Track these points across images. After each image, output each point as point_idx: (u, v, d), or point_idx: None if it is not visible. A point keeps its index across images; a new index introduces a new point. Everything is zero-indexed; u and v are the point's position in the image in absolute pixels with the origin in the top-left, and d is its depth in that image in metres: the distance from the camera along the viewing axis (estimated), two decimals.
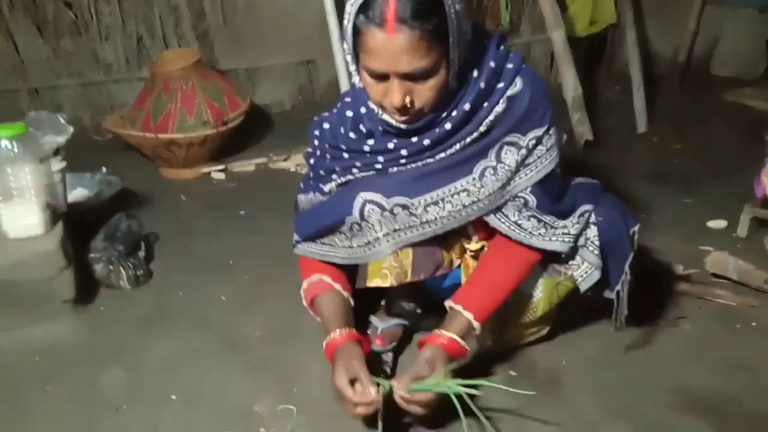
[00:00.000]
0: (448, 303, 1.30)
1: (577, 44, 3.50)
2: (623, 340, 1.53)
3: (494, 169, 1.24)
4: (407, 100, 1.15)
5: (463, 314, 1.26)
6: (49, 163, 1.74)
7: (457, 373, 1.21)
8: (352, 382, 1.19)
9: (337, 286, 1.35)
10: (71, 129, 1.78)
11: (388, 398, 1.17)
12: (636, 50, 3.26)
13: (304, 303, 1.38)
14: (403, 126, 1.21)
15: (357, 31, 1.12)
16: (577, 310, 1.53)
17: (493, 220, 1.28)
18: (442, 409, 1.21)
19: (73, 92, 3.39)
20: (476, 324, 1.26)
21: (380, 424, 1.16)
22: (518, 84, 1.23)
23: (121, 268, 1.86)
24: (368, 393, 1.16)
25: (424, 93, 1.15)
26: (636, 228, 1.42)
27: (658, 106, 3.43)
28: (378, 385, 1.18)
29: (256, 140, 3.25)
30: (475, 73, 1.21)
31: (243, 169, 2.94)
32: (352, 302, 1.36)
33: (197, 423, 1.33)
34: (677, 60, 3.94)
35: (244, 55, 3.53)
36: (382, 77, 1.14)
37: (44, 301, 1.66)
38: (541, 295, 1.40)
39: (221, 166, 2.91)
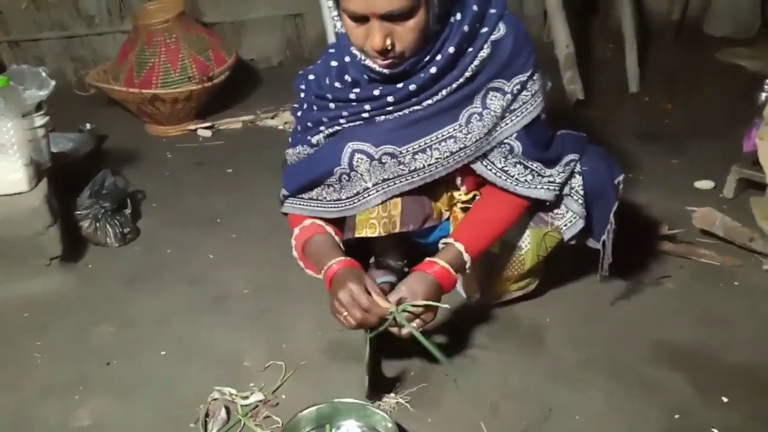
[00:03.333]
0: (442, 241, 1.31)
1: (571, 1, 3.44)
2: (606, 296, 1.56)
3: (480, 115, 1.24)
4: (388, 42, 1.14)
5: (454, 245, 1.27)
6: (32, 118, 1.70)
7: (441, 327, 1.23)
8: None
9: (330, 230, 1.36)
10: (53, 83, 1.74)
11: (375, 350, 1.19)
12: (629, 8, 3.21)
13: (294, 253, 1.37)
14: (386, 71, 1.20)
15: None
16: (562, 267, 1.55)
17: (479, 168, 1.29)
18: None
19: (56, 45, 3.31)
20: (467, 256, 1.27)
21: (367, 378, 1.18)
22: (501, 29, 1.23)
23: (108, 226, 1.85)
24: (379, 302, 1.19)
25: (405, 35, 1.14)
26: (621, 178, 1.43)
27: (650, 65, 3.40)
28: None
29: (243, 97, 3.20)
30: (458, 16, 1.19)
31: (230, 126, 2.89)
32: (343, 248, 1.35)
33: (187, 378, 1.34)
34: (671, 18, 3.89)
35: (229, 7, 3.44)
36: (362, 20, 1.14)
37: (31, 258, 1.66)
38: (529, 247, 1.41)
39: (208, 123, 2.87)
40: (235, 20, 3.47)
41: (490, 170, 1.29)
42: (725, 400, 1.24)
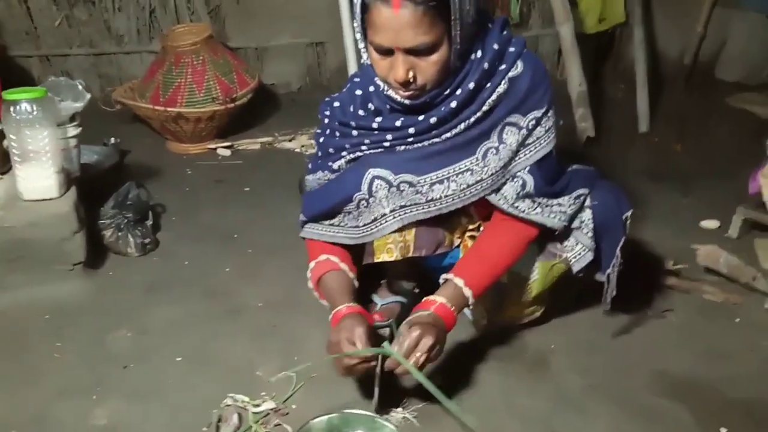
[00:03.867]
0: (442, 277, 1.34)
1: (586, 41, 3.54)
2: (611, 326, 1.60)
3: (496, 149, 1.30)
4: (410, 74, 1.20)
5: (454, 281, 1.29)
6: (65, 128, 1.78)
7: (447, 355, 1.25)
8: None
9: (344, 267, 1.38)
10: (88, 96, 1.83)
11: (385, 368, 1.22)
12: (642, 50, 3.29)
13: (310, 284, 1.40)
14: (407, 101, 1.26)
15: (365, 8, 1.19)
16: (568, 298, 1.59)
17: (494, 200, 1.34)
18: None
19: (84, 62, 3.43)
20: (468, 291, 1.29)
21: (377, 391, 1.22)
22: (519, 66, 1.29)
23: (130, 236, 1.92)
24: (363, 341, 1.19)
25: (427, 69, 1.21)
26: (629, 213, 1.48)
27: (661, 107, 3.47)
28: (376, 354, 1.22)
29: (262, 119, 3.29)
30: (479, 54, 1.26)
31: (248, 147, 2.98)
32: (356, 284, 1.39)
33: (202, 384, 1.39)
34: (683, 62, 3.97)
35: (254, 33, 3.56)
36: (387, 52, 1.20)
37: (56, 262, 1.72)
38: (537, 277, 1.46)
39: (227, 143, 2.95)
40: (259, 46, 3.58)
41: (503, 204, 1.34)
42: (724, 430, 1.27)
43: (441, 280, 1.33)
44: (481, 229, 1.43)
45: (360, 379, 1.36)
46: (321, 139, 1.45)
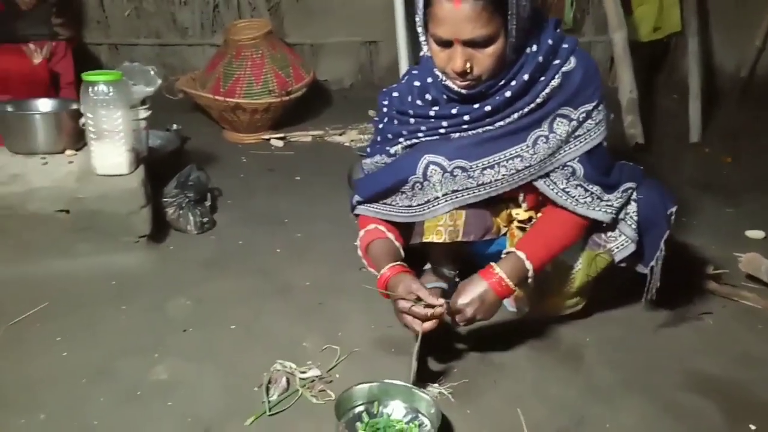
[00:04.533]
0: (504, 251, 1.41)
1: (639, 49, 3.54)
2: (648, 325, 1.63)
3: (546, 138, 1.36)
4: (468, 65, 1.28)
5: (516, 253, 1.37)
6: (137, 110, 1.92)
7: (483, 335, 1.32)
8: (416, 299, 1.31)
9: (390, 236, 1.46)
10: (159, 81, 1.97)
11: (424, 344, 1.29)
12: (697, 60, 3.28)
13: (359, 252, 1.49)
14: (463, 91, 1.34)
15: (428, 2, 1.28)
16: (609, 292, 1.63)
17: (542, 186, 1.40)
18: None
19: (150, 51, 3.62)
20: (529, 264, 1.36)
21: (415, 364, 1.29)
22: (572, 62, 1.35)
23: (190, 214, 2.05)
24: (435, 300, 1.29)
25: (483, 60, 1.28)
26: (674, 209, 1.51)
27: (714, 119, 3.44)
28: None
29: (315, 113, 3.41)
30: (534, 48, 1.33)
31: (300, 139, 3.10)
32: (402, 253, 1.47)
33: (253, 350, 1.49)
34: (739, 75, 3.91)
35: (311, 30, 3.69)
36: (446, 44, 1.28)
37: (123, 234, 1.85)
38: (580, 267, 1.51)
39: (280, 135, 3.08)
40: (315, 43, 3.71)
41: (552, 189, 1.40)
42: (753, 427, 1.29)
43: (504, 254, 1.39)
44: (531, 222, 1.49)
45: (399, 358, 1.44)
46: (380, 126, 1.53)
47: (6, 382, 1.36)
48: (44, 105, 2.16)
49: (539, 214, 1.49)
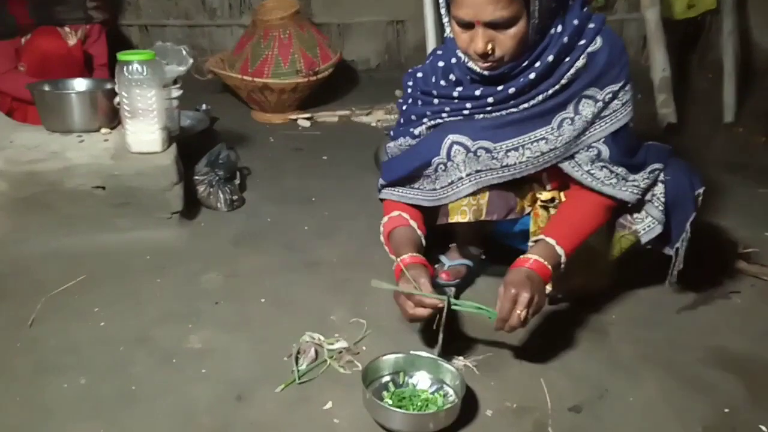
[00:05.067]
0: (533, 238, 1.40)
1: (673, 27, 3.46)
2: (674, 304, 1.63)
3: (572, 120, 1.36)
4: (489, 47, 1.28)
5: (546, 240, 1.35)
6: (170, 89, 1.97)
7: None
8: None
9: (413, 224, 1.48)
10: (191, 60, 2.01)
11: (449, 315, 1.31)
12: (732, 39, 3.20)
13: (381, 238, 1.51)
14: (485, 72, 1.34)
15: None
16: (635, 272, 1.63)
17: (567, 168, 1.40)
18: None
19: (179, 32, 3.67)
20: (559, 249, 1.33)
21: (440, 337, 1.32)
22: (598, 42, 1.34)
23: (220, 192, 2.10)
24: (429, 298, 1.27)
25: (505, 42, 1.28)
26: (701, 190, 1.50)
27: (749, 99, 3.36)
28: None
29: (342, 94, 3.43)
30: (559, 29, 1.32)
31: (327, 119, 3.13)
32: (424, 242, 1.48)
33: (283, 322, 1.53)
34: None
35: (337, 10, 3.70)
36: (468, 26, 1.29)
37: (157, 210, 1.91)
38: (606, 247, 1.51)
39: (307, 114, 3.11)
40: (342, 23, 3.72)
41: (577, 171, 1.40)
42: None
43: (530, 243, 1.39)
44: (555, 202, 1.49)
45: (423, 329, 1.47)
46: (404, 107, 1.54)
47: (47, 348, 1.43)
48: (80, 84, 2.22)
49: (563, 194, 1.49)
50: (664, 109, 2.90)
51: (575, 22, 1.32)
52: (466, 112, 1.40)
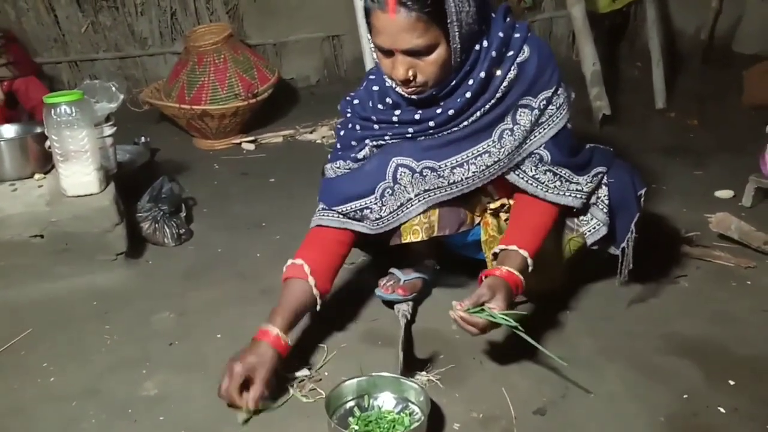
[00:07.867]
0: (496, 248, 1.40)
1: (600, 21, 3.58)
2: (626, 296, 1.66)
3: (511, 130, 1.38)
4: (410, 73, 1.29)
5: (508, 249, 1.36)
6: (102, 128, 1.90)
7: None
8: (246, 382, 1.27)
9: (311, 281, 1.38)
10: (122, 96, 1.95)
11: (409, 334, 1.31)
12: (656, 27, 3.32)
13: (284, 269, 1.43)
14: (413, 97, 1.35)
15: (367, 13, 1.28)
16: (584, 271, 1.67)
17: (513, 177, 1.42)
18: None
19: (111, 65, 3.58)
20: (523, 252, 1.34)
21: (401, 355, 1.31)
22: (526, 51, 1.37)
23: (166, 227, 2.04)
24: (250, 398, 1.25)
25: (426, 68, 1.29)
26: (643, 191, 1.56)
27: (678, 83, 3.50)
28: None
29: (283, 113, 3.41)
30: (485, 44, 1.34)
31: (271, 140, 3.10)
32: (318, 301, 1.41)
33: None
34: (699, 38, 3.97)
35: (272, 30, 3.68)
36: (388, 53, 1.30)
37: (99, 253, 1.84)
38: (555, 250, 1.53)
39: (251, 138, 3.08)
40: (277, 42, 3.70)
41: (522, 178, 1.43)
42: (732, 383, 1.33)
43: (498, 251, 1.39)
44: (505, 207, 1.51)
45: (385, 350, 1.46)
46: (342, 133, 1.53)
47: None
48: (8, 131, 2.13)
49: (511, 200, 1.51)
50: (598, 101, 2.98)
51: (500, 34, 1.34)
52: (408, 135, 1.41)
